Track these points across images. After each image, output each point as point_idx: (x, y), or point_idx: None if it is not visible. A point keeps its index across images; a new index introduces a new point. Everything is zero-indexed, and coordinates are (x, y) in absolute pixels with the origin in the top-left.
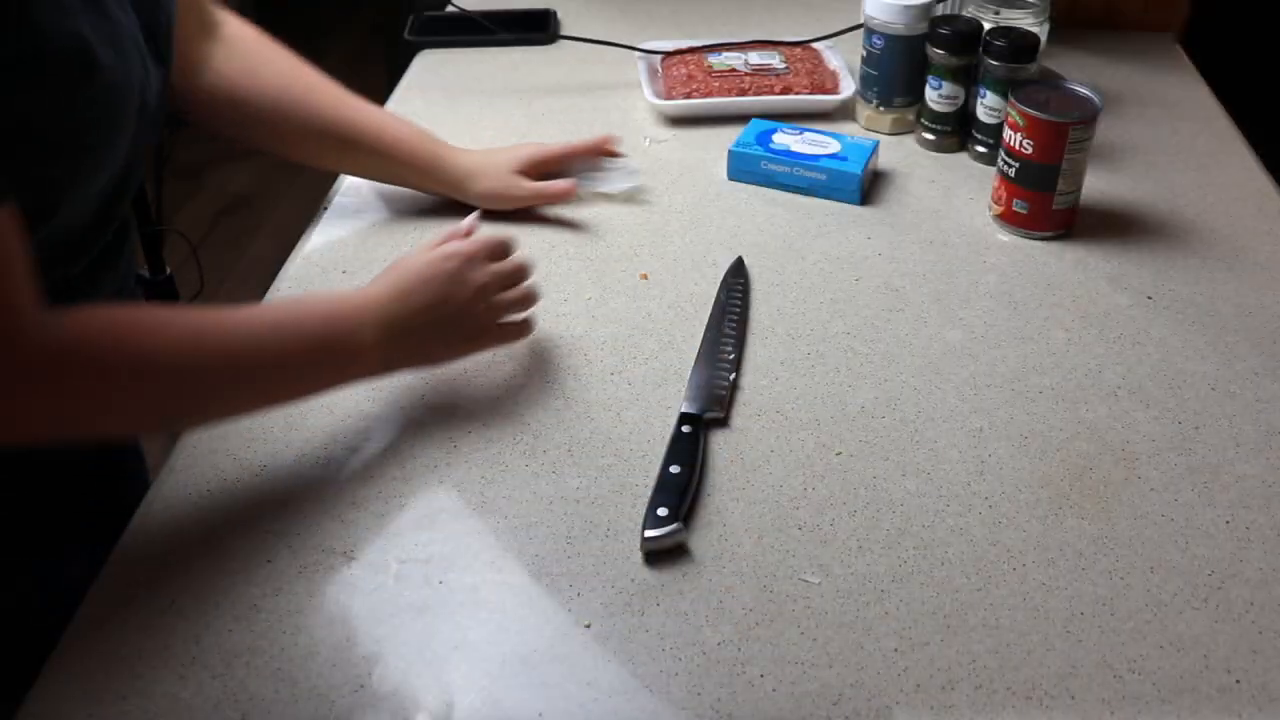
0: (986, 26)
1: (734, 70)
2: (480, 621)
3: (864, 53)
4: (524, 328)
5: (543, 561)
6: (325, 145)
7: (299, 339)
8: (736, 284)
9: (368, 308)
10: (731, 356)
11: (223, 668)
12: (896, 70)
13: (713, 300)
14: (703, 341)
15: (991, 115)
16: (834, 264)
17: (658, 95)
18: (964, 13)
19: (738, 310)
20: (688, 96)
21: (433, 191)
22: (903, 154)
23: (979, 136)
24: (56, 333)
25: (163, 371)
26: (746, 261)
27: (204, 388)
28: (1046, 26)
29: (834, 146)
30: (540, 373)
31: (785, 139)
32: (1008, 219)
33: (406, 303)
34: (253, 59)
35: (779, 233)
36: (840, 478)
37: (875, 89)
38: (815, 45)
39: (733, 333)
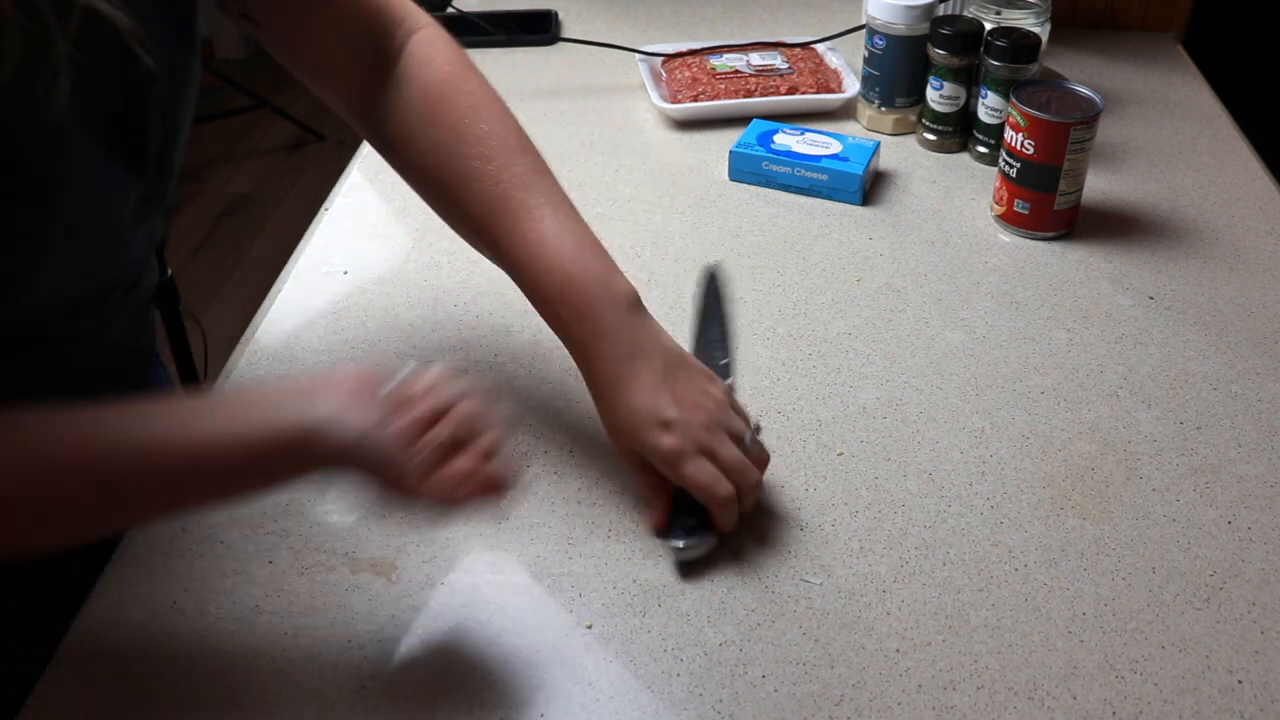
0: (988, 27)
1: (737, 71)
2: (481, 623)
3: (866, 53)
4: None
5: (544, 562)
6: (480, 243)
7: (244, 457)
8: (710, 297)
9: (327, 438)
10: (724, 363)
11: (224, 669)
12: (898, 71)
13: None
14: (693, 352)
15: (993, 115)
16: (835, 264)
17: (663, 99)
18: (965, 13)
19: (719, 317)
20: (695, 99)
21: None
22: (904, 154)
23: (980, 137)
24: None
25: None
26: (748, 263)
27: (125, 512)
28: (1048, 27)
29: (835, 147)
30: (542, 373)
31: (786, 140)
32: (1009, 219)
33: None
34: (426, 116)
35: (780, 233)
36: (842, 478)
37: (877, 89)
38: (814, 46)
39: (718, 337)
